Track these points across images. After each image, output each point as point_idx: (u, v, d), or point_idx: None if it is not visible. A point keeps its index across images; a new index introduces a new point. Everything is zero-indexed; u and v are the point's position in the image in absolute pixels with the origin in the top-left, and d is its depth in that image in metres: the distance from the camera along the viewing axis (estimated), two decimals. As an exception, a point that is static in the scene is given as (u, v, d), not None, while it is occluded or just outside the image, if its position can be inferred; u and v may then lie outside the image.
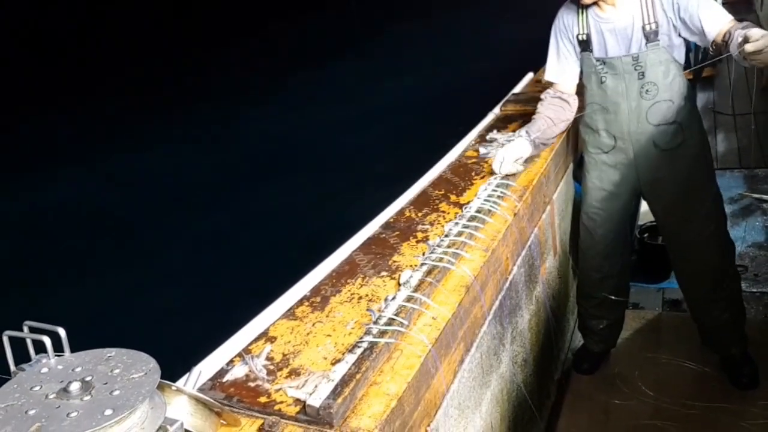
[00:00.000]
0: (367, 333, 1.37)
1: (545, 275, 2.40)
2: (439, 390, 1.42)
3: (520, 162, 2.17)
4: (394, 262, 1.72)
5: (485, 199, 1.95)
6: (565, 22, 2.19)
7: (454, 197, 2.08)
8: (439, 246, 1.71)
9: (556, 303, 2.60)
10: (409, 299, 1.47)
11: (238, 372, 1.35)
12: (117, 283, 5.61)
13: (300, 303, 1.59)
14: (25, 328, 0.98)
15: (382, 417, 1.18)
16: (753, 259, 3.24)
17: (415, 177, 2.32)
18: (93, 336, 1.21)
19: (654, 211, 2.40)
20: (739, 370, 2.38)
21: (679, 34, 2.04)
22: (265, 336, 1.47)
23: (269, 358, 1.38)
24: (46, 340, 0.95)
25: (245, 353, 1.41)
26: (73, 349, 1.00)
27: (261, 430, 1.17)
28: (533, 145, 2.19)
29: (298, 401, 1.22)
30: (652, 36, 2.02)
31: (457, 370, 1.54)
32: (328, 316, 1.51)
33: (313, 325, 1.49)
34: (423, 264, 1.63)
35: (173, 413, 1.02)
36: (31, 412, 0.88)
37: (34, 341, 0.98)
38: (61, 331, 0.96)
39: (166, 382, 1.01)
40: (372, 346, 1.31)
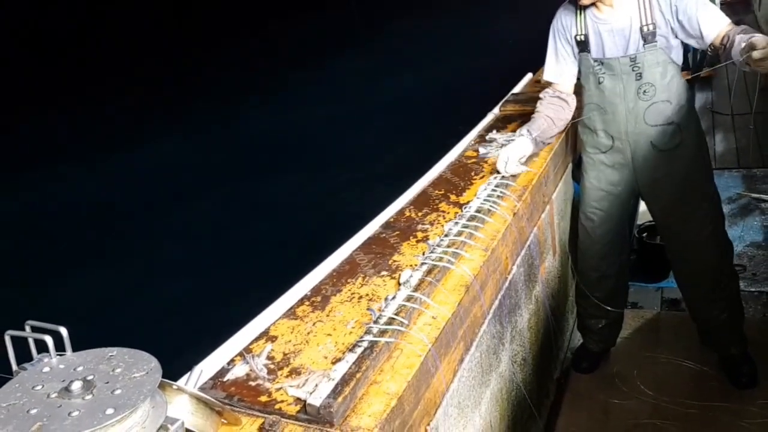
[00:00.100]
0: (368, 332, 1.37)
1: (544, 275, 2.41)
2: (438, 389, 1.42)
3: (522, 161, 2.17)
4: (394, 261, 1.72)
5: (485, 199, 1.95)
6: (563, 23, 2.19)
7: (453, 197, 2.09)
8: (438, 246, 1.72)
9: (556, 302, 2.60)
10: (409, 299, 1.48)
11: (239, 371, 1.35)
12: (117, 283, 5.62)
13: (300, 302, 1.60)
14: (27, 328, 0.98)
15: (382, 416, 1.18)
16: (751, 258, 3.24)
17: (414, 176, 2.33)
18: (94, 335, 1.21)
19: (652, 211, 2.40)
20: (738, 369, 2.39)
21: (676, 36, 2.04)
22: (265, 335, 1.48)
23: (270, 358, 1.39)
24: (48, 340, 0.95)
25: (246, 352, 1.41)
26: (75, 348, 1.00)
27: (262, 429, 1.18)
28: (534, 143, 2.20)
29: (298, 400, 1.23)
30: (649, 37, 2.02)
31: (457, 369, 1.54)
32: (328, 316, 1.52)
33: (314, 324, 1.49)
34: (423, 263, 1.63)
35: (174, 412, 1.02)
36: (33, 411, 0.88)
37: (35, 340, 0.98)
38: (63, 331, 0.97)
39: (167, 381, 1.02)
40: (372, 345, 1.32)
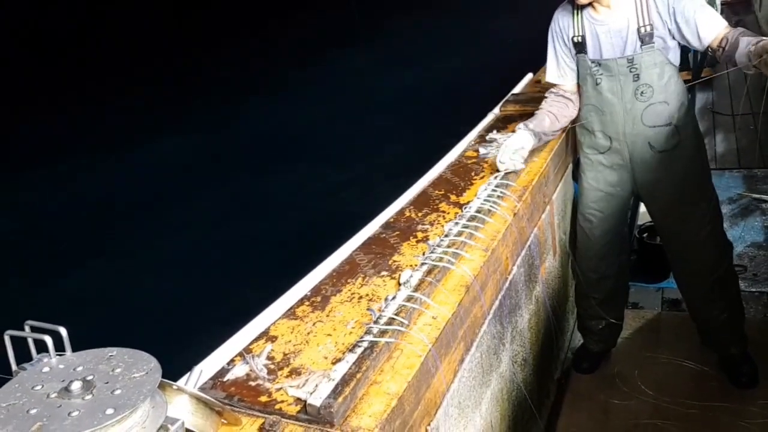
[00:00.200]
0: (368, 332, 1.37)
1: (545, 275, 2.41)
2: (439, 389, 1.42)
3: (523, 154, 2.15)
4: (395, 261, 1.72)
5: (485, 199, 1.95)
6: (560, 24, 2.19)
7: (454, 197, 2.09)
8: (439, 246, 1.72)
9: (556, 302, 2.60)
10: (409, 299, 1.47)
11: (239, 371, 1.35)
12: (117, 283, 5.62)
13: (300, 302, 1.60)
14: (26, 328, 0.98)
15: (382, 416, 1.18)
16: (752, 258, 3.24)
17: (414, 176, 2.33)
18: (93, 335, 1.21)
19: (651, 211, 2.40)
20: (739, 369, 2.39)
21: (673, 37, 2.04)
22: (265, 335, 1.48)
23: (270, 358, 1.38)
24: (48, 340, 0.95)
25: (246, 352, 1.41)
26: (74, 349, 1.00)
27: (262, 429, 1.17)
28: (534, 135, 2.16)
29: (298, 400, 1.23)
30: (647, 38, 2.02)
31: (457, 369, 1.54)
32: (328, 316, 1.52)
33: (314, 324, 1.49)
34: (423, 264, 1.63)
35: (174, 412, 1.02)
36: (33, 412, 0.88)
37: (35, 340, 0.98)
38: (63, 331, 0.96)
39: (167, 381, 1.01)
40: (372, 345, 1.32)
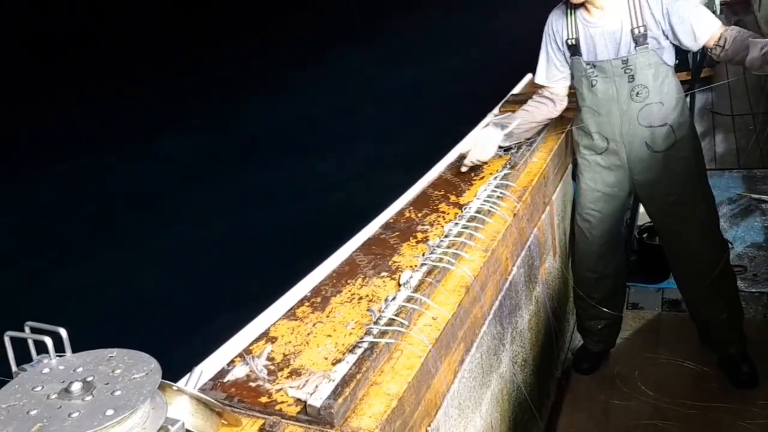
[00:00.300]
0: (368, 333, 1.37)
1: (545, 275, 2.41)
2: (439, 390, 1.42)
3: (491, 150, 2.20)
4: (394, 262, 1.72)
5: (485, 200, 1.95)
6: (554, 27, 2.20)
7: (453, 198, 2.09)
8: (438, 246, 1.72)
9: (556, 303, 2.60)
10: (409, 299, 1.47)
11: (239, 372, 1.35)
12: (117, 283, 5.62)
13: (300, 303, 1.60)
14: (26, 329, 0.98)
15: (382, 417, 1.18)
16: (752, 259, 3.24)
17: (414, 176, 2.33)
18: (93, 336, 1.21)
19: (649, 211, 2.41)
20: (738, 369, 2.39)
21: (667, 38, 2.04)
22: (265, 336, 1.48)
23: (270, 359, 1.38)
24: (48, 341, 0.95)
25: (246, 353, 1.41)
26: (74, 349, 1.00)
27: (262, 430, 1.17)
28: (501, 128, 2.23)
29: (298, 401, 1.23)
30: (640, 39, 2.02)
31: (458, 370, 1.54)
32: (328, 317, 1.52)
33: (314, 325, 1.49)
34: (423, 264, 1.63)
35: (174, 413, 1.02)
36: (33, 413, 0.88)
37: (35, 341, 0.98)
38: (63, 332, 0.97)
39: (167, 382, 1.01)
40: (372, 346, 1.32)
